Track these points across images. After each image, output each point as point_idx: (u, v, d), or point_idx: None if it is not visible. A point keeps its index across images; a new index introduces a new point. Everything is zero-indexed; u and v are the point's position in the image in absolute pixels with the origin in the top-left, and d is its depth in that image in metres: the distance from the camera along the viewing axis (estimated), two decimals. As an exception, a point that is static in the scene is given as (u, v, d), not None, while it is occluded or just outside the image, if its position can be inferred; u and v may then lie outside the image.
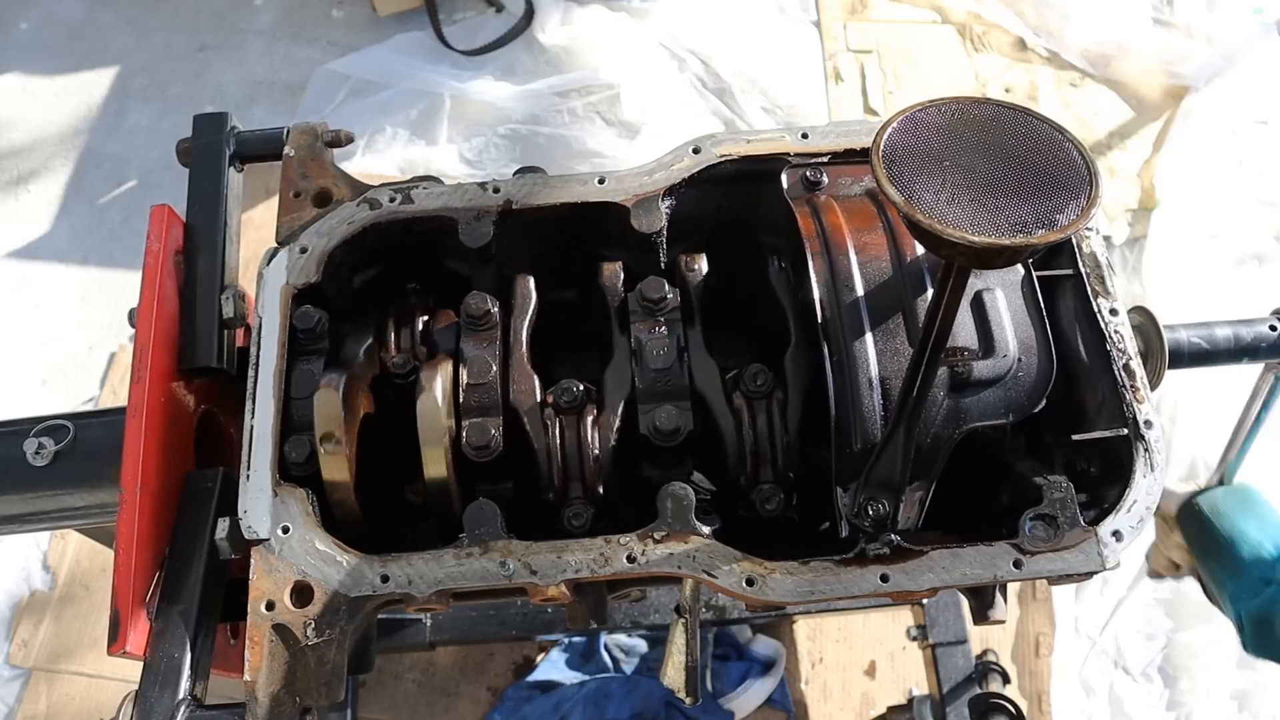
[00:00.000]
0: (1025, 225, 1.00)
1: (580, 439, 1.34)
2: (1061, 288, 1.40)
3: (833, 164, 1.45)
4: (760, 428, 1.35)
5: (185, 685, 1.24)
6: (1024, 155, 1.07)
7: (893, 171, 1.04)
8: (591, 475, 1.34)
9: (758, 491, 1.33)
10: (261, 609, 1.21)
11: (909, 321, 1.26)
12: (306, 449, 1.30)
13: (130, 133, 3.80)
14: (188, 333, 1.43)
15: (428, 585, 1.21)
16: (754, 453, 1.35)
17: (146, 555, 1.30)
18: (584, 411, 1.35)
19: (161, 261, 1.41)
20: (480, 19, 3.94)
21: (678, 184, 1.43)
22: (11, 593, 2.94)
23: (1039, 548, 1.21)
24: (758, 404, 1.35)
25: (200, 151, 1.53)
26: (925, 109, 1.11)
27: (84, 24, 4.07)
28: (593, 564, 1.21)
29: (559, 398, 1.34)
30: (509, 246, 1.44)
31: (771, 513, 1.32)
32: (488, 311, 1.35)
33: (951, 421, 1.24)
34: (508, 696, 2.75)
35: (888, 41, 3.88)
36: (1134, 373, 1.31)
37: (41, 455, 1.41)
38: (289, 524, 1.25)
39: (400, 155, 3.60)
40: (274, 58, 3.97)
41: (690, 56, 3.79)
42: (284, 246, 1.41)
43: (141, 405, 1.31)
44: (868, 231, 1.33)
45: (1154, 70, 3.72)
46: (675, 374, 1.33)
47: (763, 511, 1.32)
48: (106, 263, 3.52)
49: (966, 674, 2.46)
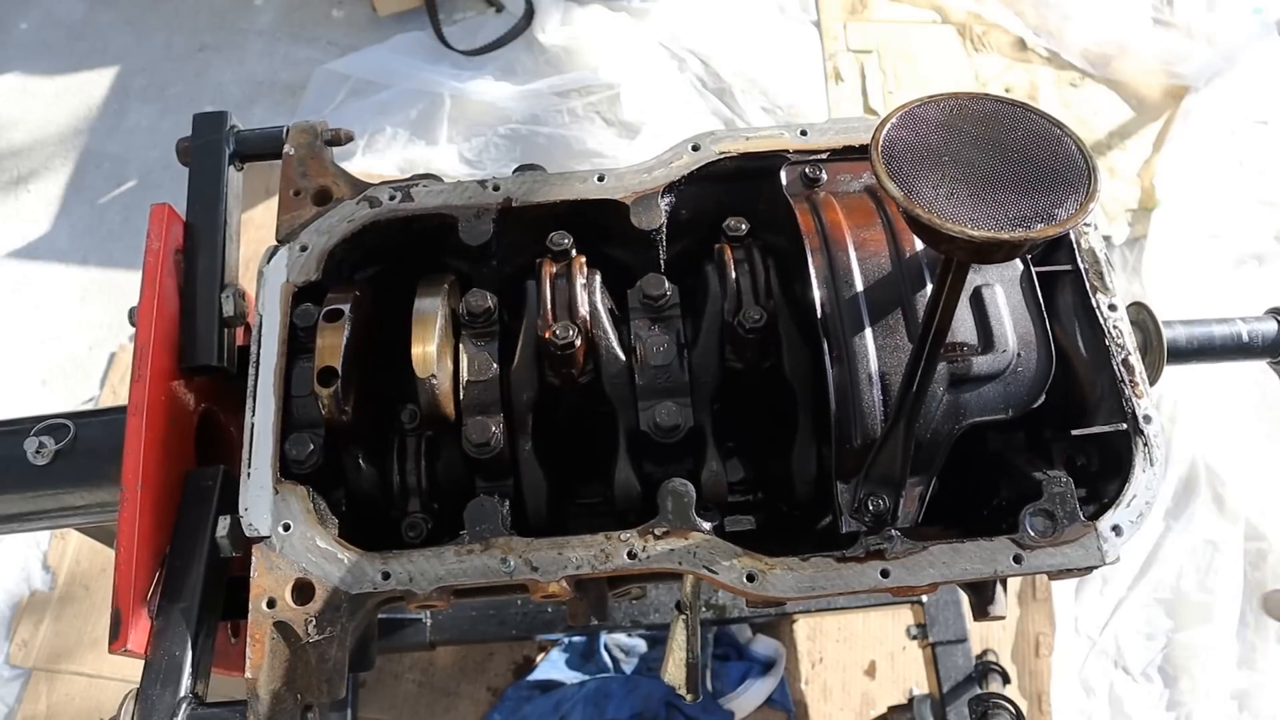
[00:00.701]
0: (1024, 220, 1.01)
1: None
2: (1060, 283, 1.40)
3: (831, 161, 1.45)
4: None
5: (186, 683, 1.24)
6: (1023, 150, 1.08)
7: (892, 167, 1.05)
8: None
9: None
10: (263, 606, 1.21)
11: (908, 317, 1.27)
12: (308, 446, 1.30)
13: (130, 133, 3.80)
14: (188, 331, 1.44)
15: (429, 582, 1.21)
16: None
17: (147, 553, 1.30)
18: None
19: (162, 260, 1.41)
20: (480, 19, 3.95)
21: (677, 181, 1.43)
22: (11, 593, 2.94)
23: (1039, 543, 1.21)
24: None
25: (200, 150, 1.53)
26: (924, 105, 1.12)
27: (84, 24, 4.07)
28: (594, 560, 1.21)
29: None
30: (509, 244, 1.44)
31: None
32: (488, 309, 1.35)
33: (951, 417, 1.24)
34: (508, 696, 2.75)
35: (888, 41, 3.89)
36: (1133, 368, 1.31)
37: (42, 454, 1.42)
38: (290, 521, 1.25)
39: (400, 155, 3.60)
40: (274, 58, 3.98)
41: (690, 56, 3.79)
42: (284, 244, 1.42)
43: (142, 403, 1.31)
44: (867, 228, 1.33)
45: (1154, 70, 3.73)
46: (675, 371, 1.33)
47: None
48: (106, 263, 3.53)
49: (966, 674, 2.46)
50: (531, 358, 1.37)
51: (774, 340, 1.35)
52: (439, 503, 1.40)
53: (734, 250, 1.41)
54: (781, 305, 1.36)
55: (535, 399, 1.35)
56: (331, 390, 1.27)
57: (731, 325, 1.35)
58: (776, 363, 1.36)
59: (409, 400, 1.38)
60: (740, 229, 1.43)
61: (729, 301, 1.37)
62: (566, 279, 1.39)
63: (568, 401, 1.38)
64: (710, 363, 1.38)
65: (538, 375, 1.37)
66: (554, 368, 1.34)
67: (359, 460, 1.36)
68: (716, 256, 1.42)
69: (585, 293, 1.38)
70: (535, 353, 1.37)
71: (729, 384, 1.38)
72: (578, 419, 1.40)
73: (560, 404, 1.38)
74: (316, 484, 1.29)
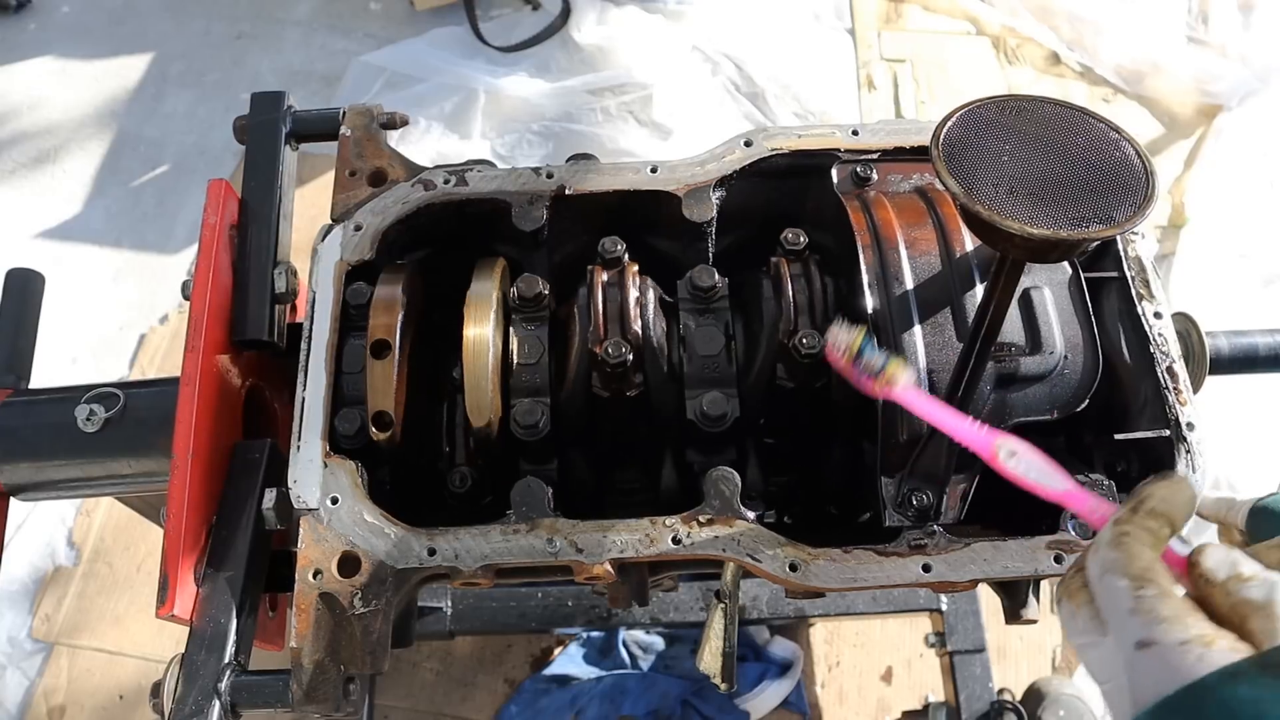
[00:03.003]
0: (1082, 220, 1.02)
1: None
2: (1106, 290, 1.41)
3: (882, 161, 1.46)
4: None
5: (230, 650, 1.25)
6: (1081, 153, 1.09)
7: (952, 165, 1.06)
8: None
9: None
10: (309, 577, 1.22)
11: (957, 316, 1.28)
12: (357, 422, 1.31)
13: (167, 117, 3.84)
14: (240, 306, 1.45)
15: (474, 560, 1.22)
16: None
17: (195, 522, 1.31)
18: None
19: (218, 235, 1.43)
20: (517, 16, 3.97)
21: (729, 175, 1.44)
22: (36, 567, 2.96)
23: (1080, 544, 1.22)
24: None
25: (257, 129, 1.55)
26: (984, 105, 1.13)
27: (124, 9, 4.12)
28: (638, 544, 1.22)
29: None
30: (560, 231, 1.46)
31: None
32: (540, 294, 1.37)
33: (997, 416, 1.25)
34: (524, 689, 2.76)
35: (921, 51, 3.90)
36: (1177, 375, 1.32)
37: (92, 421, 1.43)
38: (338, 495, 1.26)
39: (434, 148, 3.62)
40: (311, 48, 4.01)
41: (724, 60, 3.81)
42: (339, 223, 1.44)
43: (195, 373, 1.33)
44: (917, 227, 1.34)
45: (1187, 88, 3.73)
46: (722, 361, 1.34)
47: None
48: (139, 245, 3.56)
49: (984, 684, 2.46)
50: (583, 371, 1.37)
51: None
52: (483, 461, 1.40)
53: (790, 265, 1.40)
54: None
55: (583, 408, 1.37)
56: (389, 435, 1.29)
57: (786, 347, 1.34)
58: (828, 382, 1.35)
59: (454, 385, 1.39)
60: (799, 242, 1.41)
61: (784, 322, 1.35)
62: (619, 287, 1.39)
63: (615, 413, 1.39)
64: (760, 384, 1.38)
65: (586, 388, 1.37)
66: (604, 382, 1.35)
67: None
68: (773, 270, 1.41)
69: (638, 307, 1.38)
70: (586, 366, 1.37)
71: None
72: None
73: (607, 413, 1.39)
74: (364, 459, 1.31)
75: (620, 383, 1.34)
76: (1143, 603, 0.79)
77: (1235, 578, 0.82)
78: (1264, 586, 0.80)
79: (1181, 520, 0.88)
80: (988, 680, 2.48)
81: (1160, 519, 0.86)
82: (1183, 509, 0.88)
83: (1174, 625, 0.77)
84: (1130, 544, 0.84)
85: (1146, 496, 0.88)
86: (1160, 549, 0.86)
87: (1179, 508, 0.87)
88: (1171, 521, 0.87)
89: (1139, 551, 0.83)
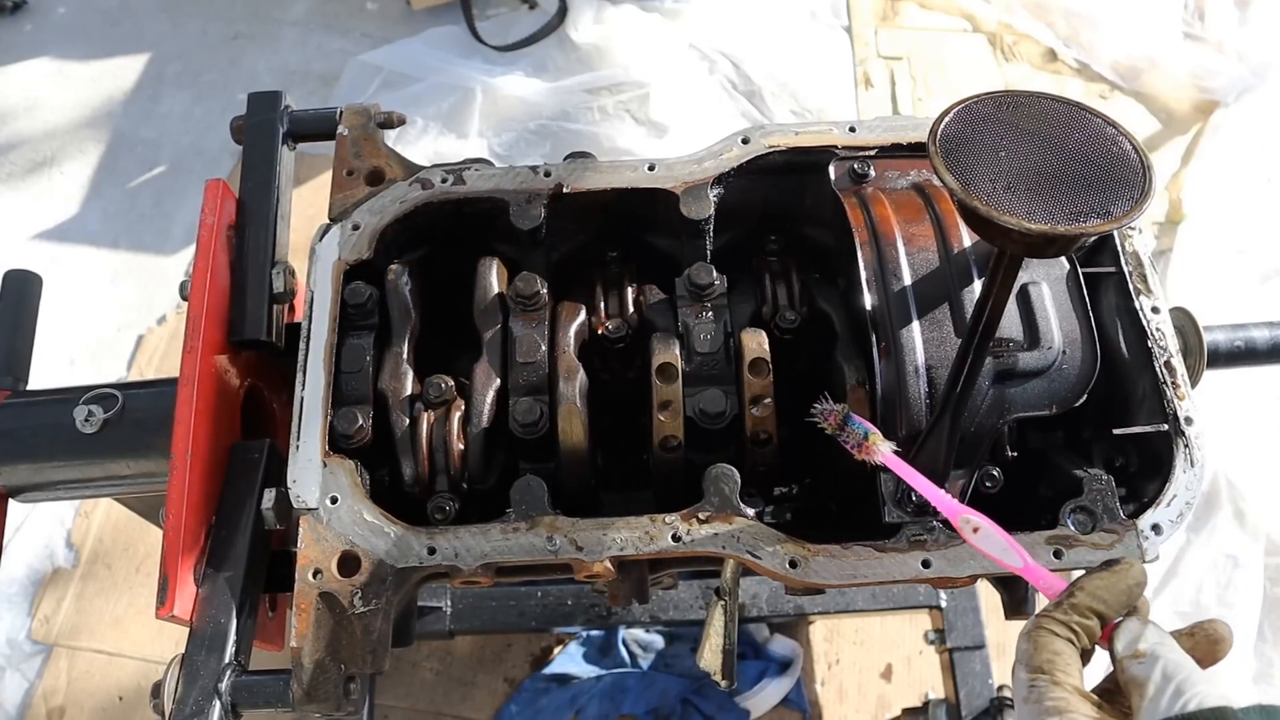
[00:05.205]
0: (1079, 214, 1.02)
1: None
2: (1104, 285, 1.41)
3: (879, 158, 1.46)
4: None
5: (230, 650, 1.26)
6: (1078, 148, 1.09)
7: (949, 160, 1.06)
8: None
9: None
10: (309, 577, 1.22)
11: (955, 312, 1.28)
12: (355, 422, 1.31)
13: (164, 118, 3.83)
14: (237, 306, 1.45)
15: (474, 558, 1.22)
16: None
17: (194, 522, 1.31)
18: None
19: (215, 234, 1.43)
20: (513, 15, 3.97)
21: (727, 173, 1.44)
22: (35, 569, 2.96)
23: (1079, 539, 1.22)
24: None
25: (254, 129, 1.55)
26: (981, 101, 1.13)
27: (121, 10, 4.11)
28: (638, 541, 1.22)
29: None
30: (558, 230, 1.46)
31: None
32: (537, 292, 1.37)
33: (996, 411, 1.25)
34: (524, 688, 2.76)
35: (918, 49, 3.89)
36: (1175, 369, 1.32)
37: (91, 422, 1.43)
38: (337, 494, 1.26)
39: (431, 148, 3.62)
40: (308, 48, 4.00)
41: (721, 58, 3.81)
42: (336, 223, 1.43)
43: (194, 374, 1.33)
44: (915, 223, 1.34)
45: (1184, 84, 3.73)
46: (721, 359, 1.34)
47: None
48: (137, 245, 3.55)
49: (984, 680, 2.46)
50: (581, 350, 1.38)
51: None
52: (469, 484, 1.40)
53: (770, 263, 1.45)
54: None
55: (584, 389, 1.37)
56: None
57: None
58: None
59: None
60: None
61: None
62: (618, 285, 1.45)
63: (614, 396, 1.40)
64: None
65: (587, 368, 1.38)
66: (604, 363, 1.36)
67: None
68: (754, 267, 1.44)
69: (635, 294, 1.42)
70: (585, 346, 1.39)
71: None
72: (620, 403, 1.42)
73: (607, 396, 1.39)
74: (363, 459, 1.31)
75: (619, 360, 1.36)
76: (1033, 692, 0.93)
77: (1133, 655, 0.94)
78: (1147, 665, 0.92)
79: (1117, 609, 0.98)
80: (988, 677, 2.48)
81: (1086, 613, 0.97)
82: (1121, 597, 0.98)
83: (1052, 715, 0.90)
84: (1040, 637, 0.95)
85: (1078, 589, 0.98)
86: (1086, 637, 0.96)
87: (1117, 596, 0.97)
88: (1102, 612, 0.97)
89: (1046, 643, 0.95)
